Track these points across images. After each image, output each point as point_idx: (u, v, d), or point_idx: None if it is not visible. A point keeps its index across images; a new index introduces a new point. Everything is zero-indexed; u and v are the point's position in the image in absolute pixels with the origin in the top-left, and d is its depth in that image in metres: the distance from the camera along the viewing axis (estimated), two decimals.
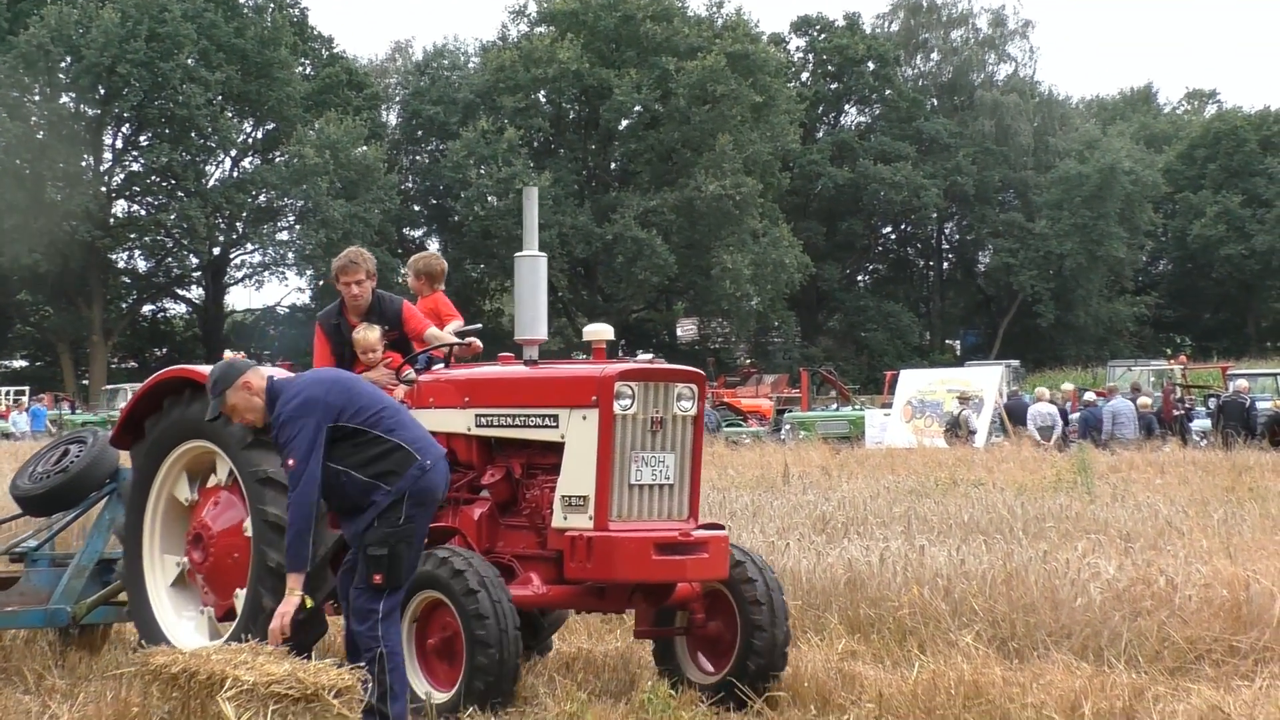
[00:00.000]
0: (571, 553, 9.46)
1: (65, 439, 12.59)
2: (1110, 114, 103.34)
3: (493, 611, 9.01)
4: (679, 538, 9.54)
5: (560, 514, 9.61)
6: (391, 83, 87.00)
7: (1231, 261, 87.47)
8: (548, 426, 9.79)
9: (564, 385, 9.87)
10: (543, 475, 9.92)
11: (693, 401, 9.82)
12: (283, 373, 9.27)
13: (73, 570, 11.64)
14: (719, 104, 76.04)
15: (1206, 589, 11.32)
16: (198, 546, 10.31)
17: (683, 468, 9.77)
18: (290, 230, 78.73)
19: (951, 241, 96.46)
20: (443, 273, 11.78)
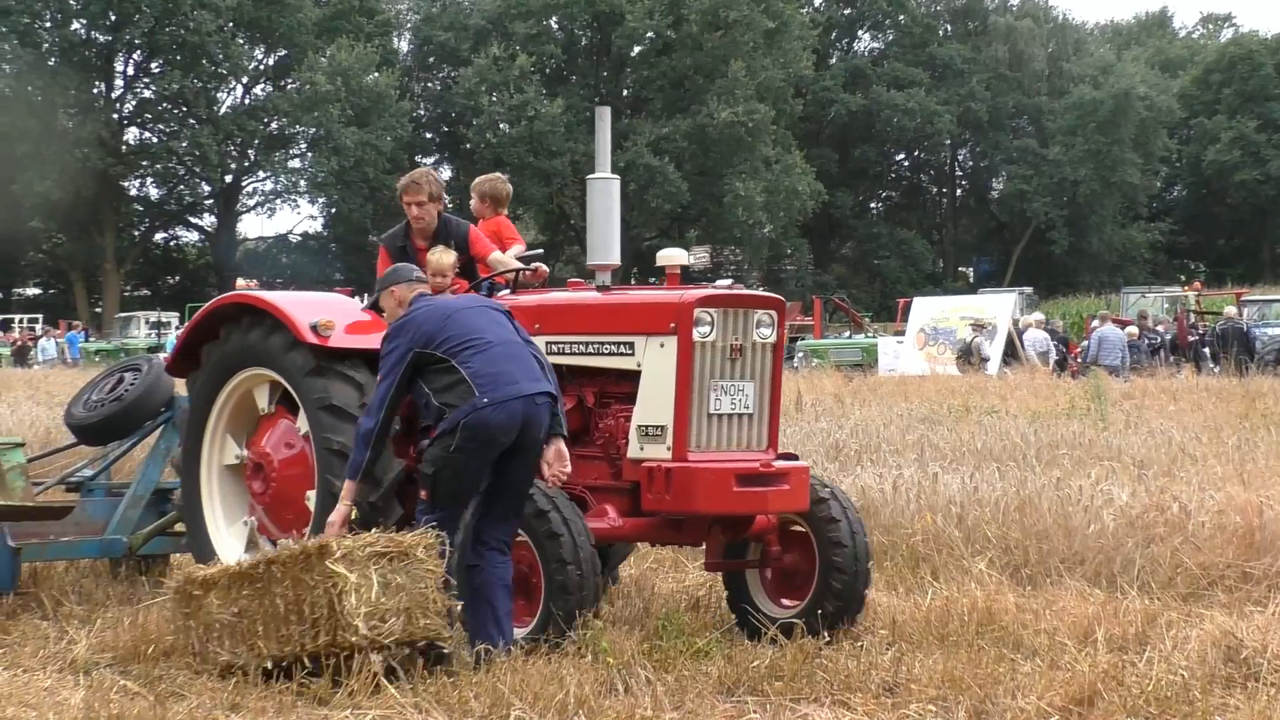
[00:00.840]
0: (649, 484, 9.21)
1: (120, 366, 12.36)
2: (1125, 39, 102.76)
3: (574, 553, 8.77)
4: (760, 469, 9.28)
5: (636, 444, 9.35)
6: (403, 9, 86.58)
7: (1246, 187, 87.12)
8: (623, 354, 9.52)
9: (641, 312, 9.58)
10: (617, 404, 9.65)
11: (772, 329, 9.52)
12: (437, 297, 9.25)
13: (128, 500, 11.45)
14: (731, 30, 75.66)
15: (1220, 515, 11.35)
16: (258, 477, 10.12)
17: (762, 397, 9.49)
18: (302, 158, 78.66)
19: (965, 168, 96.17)
20: (508, 196, 11.54)
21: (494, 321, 8.90)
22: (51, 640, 9.50)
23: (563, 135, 74.18)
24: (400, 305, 9.05)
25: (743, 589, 9.94)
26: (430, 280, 10.17)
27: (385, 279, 9.23)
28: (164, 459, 11.63)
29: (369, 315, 9.92)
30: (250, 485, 10.16)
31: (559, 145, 74.04)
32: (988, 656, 8.77)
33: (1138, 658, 8.54)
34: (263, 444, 10.13)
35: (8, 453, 10.81)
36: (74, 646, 9.21)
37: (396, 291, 9.12)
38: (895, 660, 8.77)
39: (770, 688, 8.32)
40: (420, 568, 8.26)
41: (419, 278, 9.26)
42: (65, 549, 11.25)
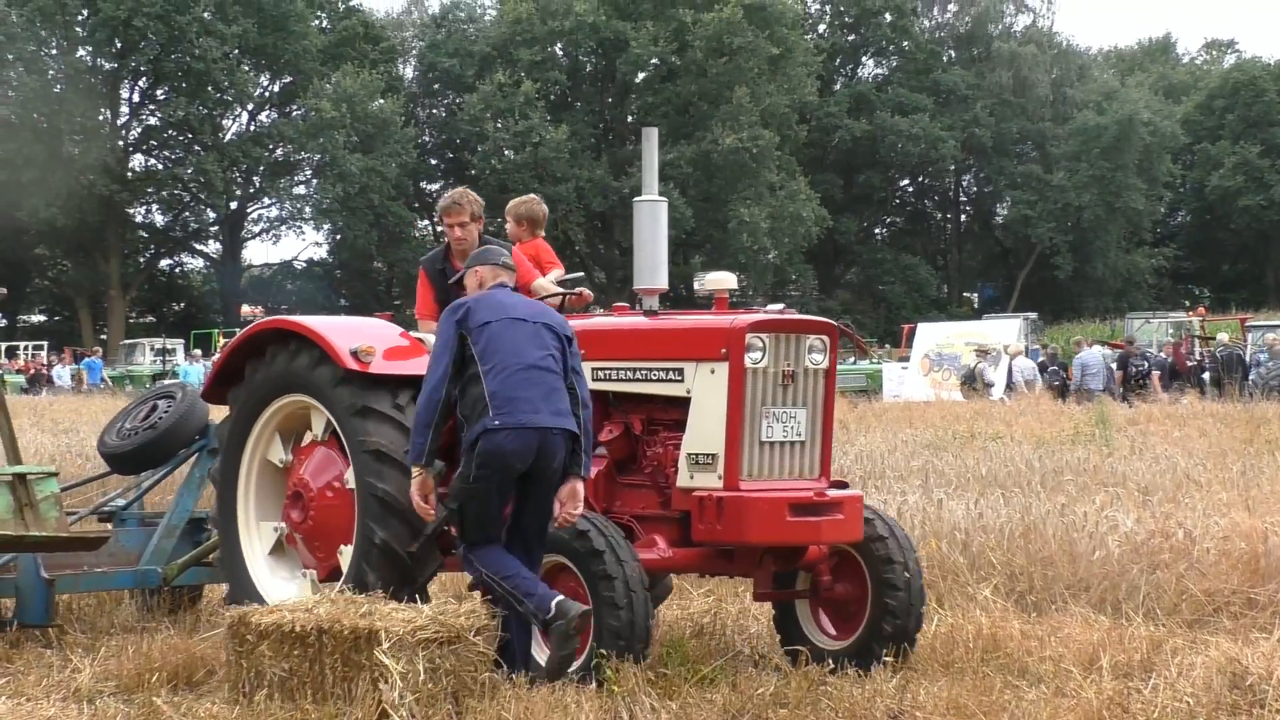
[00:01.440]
0: (700, 514, 8.94)
1: (153, 394, 12.19)
2: (1128, 65, 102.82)
3: (626, 591, 8.52)
4: (814, 498, 9.04)
5: (686, 473, 9.09)
6: (408, 36, 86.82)
7: (1250, 212, 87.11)
8: (672, 381, 9.27)
9: (691, 337, 9.34)
10: (665, 432, 9.38)
11: (824, 354, 9.29)
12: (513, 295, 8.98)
13: (163, 530, 11.28)
14: (736, 56, 75.80)
15: (1225, 541, 11.34)
16: (297, 505, 9.89)
17: (814, 424, 9.25)
18: (307, 184, 78.86)
19: (969, 194, 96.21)
20: (544, 217, 11.33)
21: (536, 343, 8.59)
22: (55, 669, 9.49)
23: (567, 161, 74.28)
24: (480, 287, 8.90)
25: (792, 620, 9.73)
26: None
27: (476, 256, 9.05)
28: (198, 488, 11.51)
29: (409, 340, 9.78)
30: (288, 514, 9.97)
31: (564, 171, 74.16)
32: (993, 684, 8.76)
33: (1143, 685, 8.53)
34: (304, 472, 9.91)
35: (41, 482, 10.55)
36: (78, 675, 9.19)
37: (480, 272, 8.95)
38: (900, 688, 8.75)
39: (775, 715, 8.32)
40: (470, 650, 8.19)
41: (506, 264, 9.02)
42: (100, 580, 11.09)
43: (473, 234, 10.26)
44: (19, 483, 10.38)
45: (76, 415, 30.03)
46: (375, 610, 8.41)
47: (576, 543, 8.64)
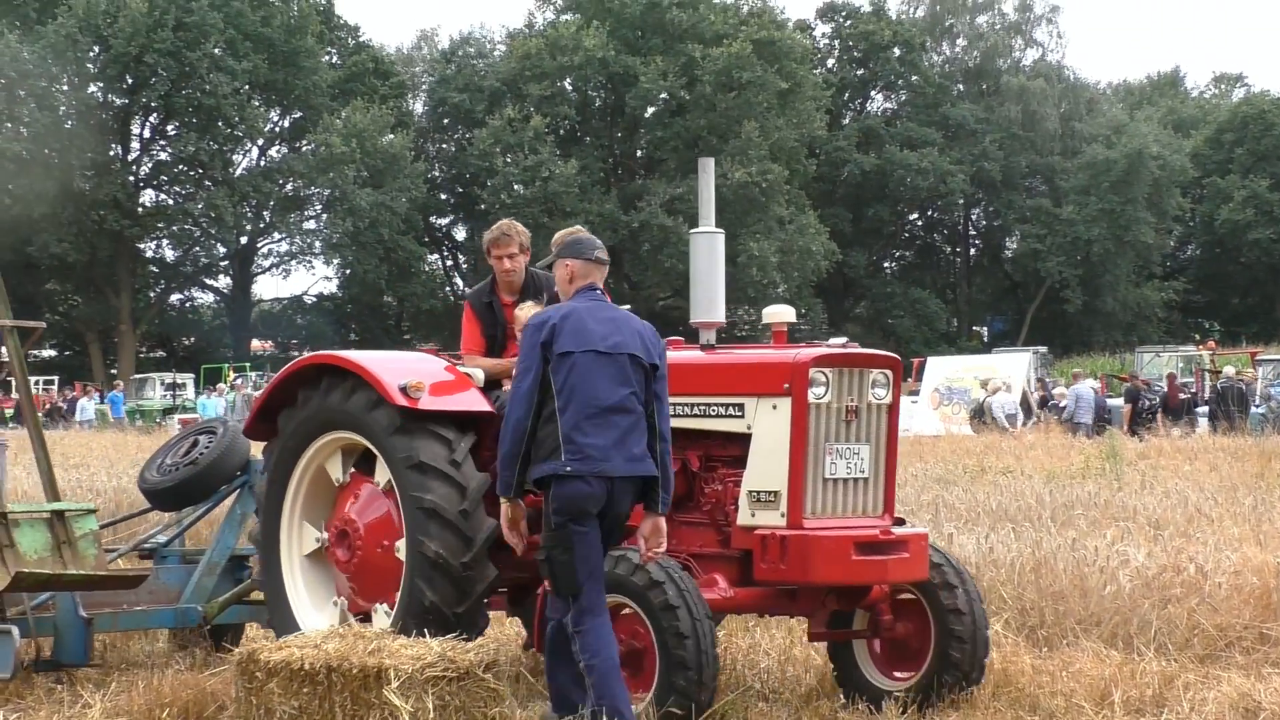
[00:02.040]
0: (762, 552, 8.71)
1: (194, 429, 12.00)
2: (1137, 98, 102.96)
3: (691, 621, 8.26)
4: (879, 536, 8.81)
5: (747, 510, 8.85)
6: (418, 71, 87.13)
7: (1260, 246, 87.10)
8: (732, 416, 9.04)
9: (752, 372, 9.10)
10: (724, 468, 9.15)
11: (888, 389, 9.08)
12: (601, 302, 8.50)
13: (203, 567, 11.11)
14: (745, 91, 75.97)
15: (1236, 576, 11.30)
16: (342, 544, 9.73)
17: (878, 460, 9.03)
18: (317, 219, 79.05)
19: (978, 227, 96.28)
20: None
21: (618, 379, 8.08)
22: (66, 704, 9.44)
23: (577, 196, 74.40)
24: (569, 282, 8.44)
25: (850, 661, 9.49)
26: (519, 336, 9.61)
27: (568, 245, 8.53)
28: (240, 525, 11.34)
29: (456, 374, 9.67)
30: (334, 554, 9.79)
31: (573, 205, 74.25)
32: (1004, 719, 8.73)
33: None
34: (345, 511, 9.77)
35: (79, 519, 10.34)
36: (88, 710, 9.15)
37: (572, 266, 8.44)
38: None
39: None
40: (481, 687, 8.13)
41: (600, 258, 8.50)
42: (139, 619, 10.94)
43: (520, 265, 10.10)
44: (57, 520, 10.23)
45: (86, 450, 30.02)
46: (384, 647, 8.38)
47: (634, 578, 8.40)
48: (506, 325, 10.13)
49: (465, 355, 10.19)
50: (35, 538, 10.08)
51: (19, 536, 9.99)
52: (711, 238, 9.76)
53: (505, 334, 10.11)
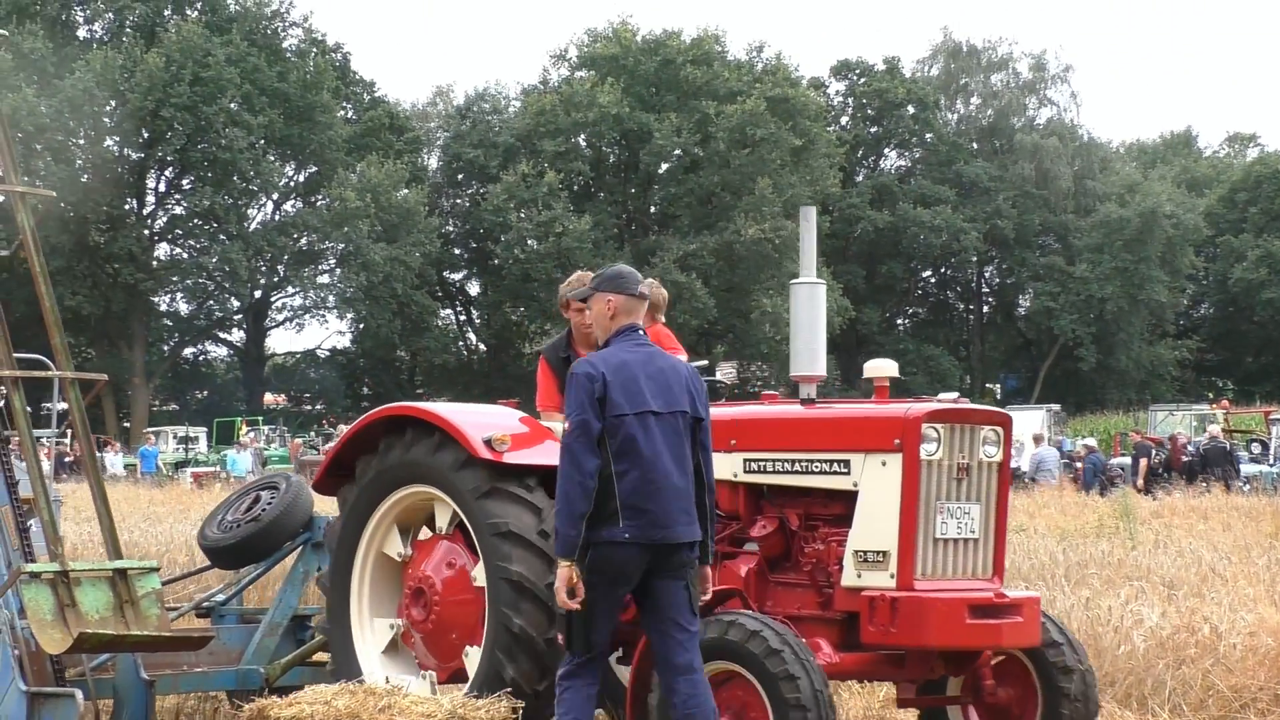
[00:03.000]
0: (870, 615, 8.37)
1: (256, 485, 11.77)
2: (1151, 157, 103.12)
3: (812, 691, 7.89)
4: (994, 599, 8.49)
5: (852, 571, 8.53)
6: (432, 126, 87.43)
7: (1274, 305, 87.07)
8: (837, 473, 8.71)
9: (860, 427, 8.80)
10: (826, 527, 8.84)
11: (998, 446, 8.79)
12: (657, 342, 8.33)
13: (265, 627, 10.81)
14: (758, 148, 76.15)
15: (1251, 637, 11.24)
16: (418, 603, 9.41)
17: (988, 520, 8.72)
18: (331, 273, 79.15)
19: (991, 285, 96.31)
20: (664, 302, 10.63)
21: (673, 442, 7.81)
22: None
23: (590, 251, 74.49)
24: (610, 318, 8.02)
25: None
26: None
27: (608, 278, 8.10)
28: (302, 583, 11.07)
29: (536, 427, 9.43)
30: (408, 611, 9.49)
31: (586, 261, 74.17)
32: None
33: None
34: (426, 568, 9.44)
35: (142, 578, 9.90)
36: None
37: (615, 302, 7.98)
38: None
39: None
40: None
41: (643, 294, 8.11)
42: (200, 681, 10.70)
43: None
44: (119, 578, 9.80)
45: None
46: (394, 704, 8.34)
47: (749, 644, 8.02)
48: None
49: (543, 411, 9.90)
50: (97, 597, 9.62)
51: (80, 596, 9.54)
52: (812, 288, 9.39)
53: None
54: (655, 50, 79.68)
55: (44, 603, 9.38)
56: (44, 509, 9.95)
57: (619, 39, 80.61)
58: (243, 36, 74.46)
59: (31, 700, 9.48)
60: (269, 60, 75.03)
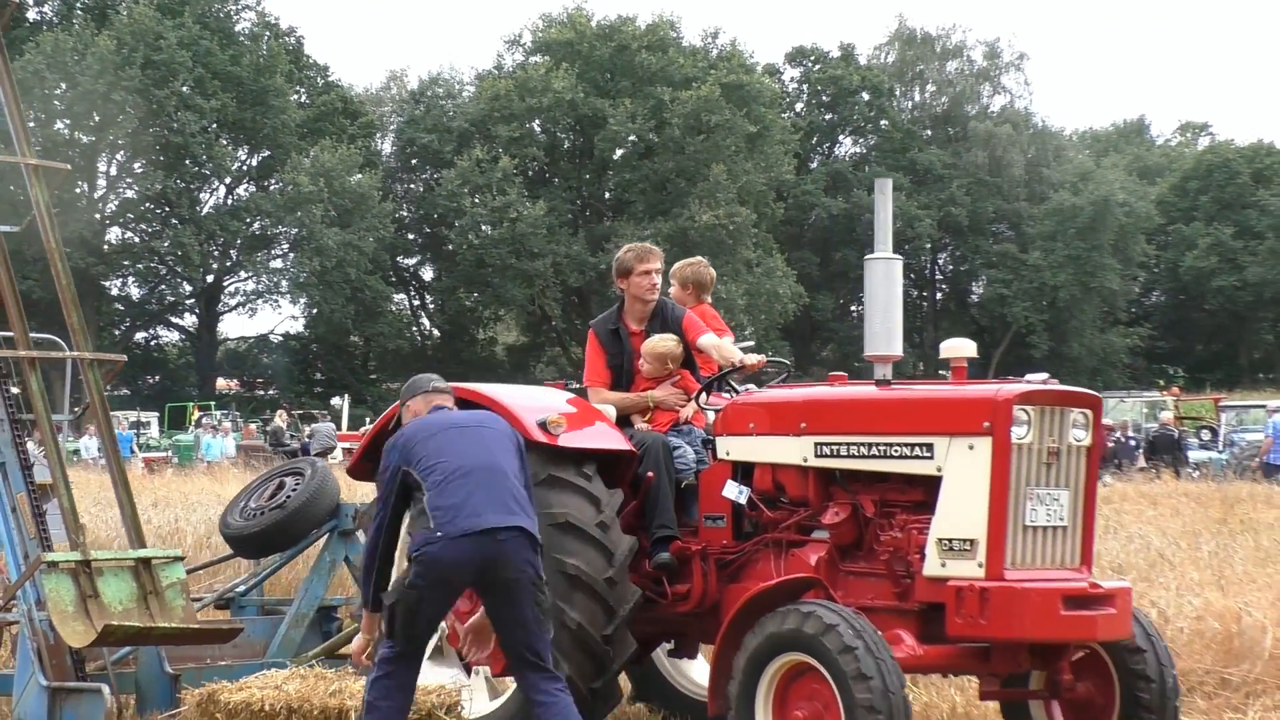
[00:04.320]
0: (957, 606, 7.96)
1: (279, 471, 11.40)
2: (1103, 146, 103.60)
3: (884, 694, 7.57)
4: (1088, 590, 8.13)
5: (936, 560, 8.14)
6: (386, 111, 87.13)
7: (1224, 293, 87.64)
8: (919, 458, 8.32)
9: (945, 409, 8.40)
10: (904, 514, 8.46)
11: (1088, 430, 8.41)
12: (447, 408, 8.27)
13: (290, 619, 10.53)
14: (713, 134, 76.17)
15: (1198, 622, 11.31)
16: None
17: (1076, 507, 8.34)
18: (284, 258, 78.81)
19: (945, 272, 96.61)
20: (711, 282, 10.54)
21: (478, 444, 7.92)
22: None
23: (544, 237, 74.43)
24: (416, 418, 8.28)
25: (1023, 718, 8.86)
26: (648, 368, 9.39)
27: (406, 390, 8.38)
28: (329, 573, 10.77)
29: (589, 410, 9.27)
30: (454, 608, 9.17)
31: (541, 247, 74.30)
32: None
33: None
34: None
35: (167, 567, 9.64)
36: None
37: (413, 406, 8.25)
38: None
39: None
40: None
41: (438, 387, 8.31)
42: (224, 674, 9.99)
43: (657, 288, 9.70)
44: (143, 568, 9.55)
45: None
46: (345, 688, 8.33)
47: (824, 638, 7.70)
48: (633, 355, 9.64)
49: (589, 388, 9.71)
50: (120, 587, 9.38)
51: (103, 586, 9.30)
52: (888, 264, 9.15)
53: (632, 364, 9.61)
54: (610, 36, 79.59)
55: (65, 594, 9.09)
56: (64, 495, 9.70)
57: (574, 24, 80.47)
58: (195, 20, 74.03)
59: (53, 696, 9.14)
60: (222, 44, 74.62)
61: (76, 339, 10.31)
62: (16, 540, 9.56)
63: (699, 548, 9.06)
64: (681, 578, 9.02)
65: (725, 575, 9.01)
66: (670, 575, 8.98)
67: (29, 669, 9.25)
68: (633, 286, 9.71)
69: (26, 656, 9.29)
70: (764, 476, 8.86)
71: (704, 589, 9.01)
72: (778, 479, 8.85)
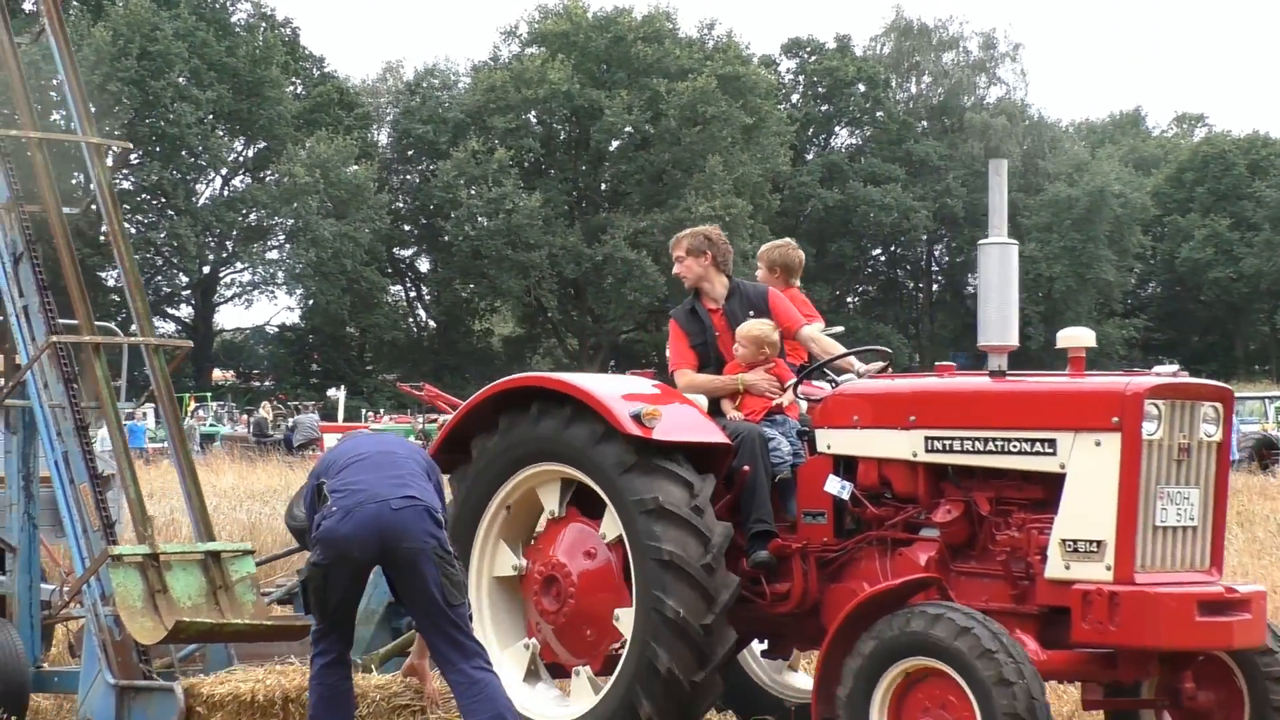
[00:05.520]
0: (1084, 610, 7.56)
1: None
2: (1099, 137, 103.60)
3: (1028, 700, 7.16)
4: (1225, 595, 7.67)
5: (1059, 561, 7.72)
6: (382, 102, 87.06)
7: (1220, 285, 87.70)
8: (1040, 454, 7.90)
9: (1070, 403, 7.99)
10: (1021, 512, 8.01)
11: (1218, 425, 7.98)
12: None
13: (360, 615, 9.62)
14: (709, 125, 76.17)
15: None
16: (550, 591, 8.80)
17: (1207, 506, 7.91)
18: (280, 249, 78.78)
19: (941, 263, 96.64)
20: (800, 264, 10.08)
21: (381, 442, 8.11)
22: None
23: (540, 228, 74.41)
24: None
25: None
26: (744, 353, 9.04)
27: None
28: None
29: (682, 400, 8.85)
30: (538, 602, 8.86)
31: (537, 238, 74.28)
32: None
33: None
34: (553, 553, 8.82)
35: (236, 561, 9.36)
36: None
37: None
38: None
39: None
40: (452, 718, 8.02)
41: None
42: None
43: (690, 270, 9.51)
44: (212, 562, 9.28)
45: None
46: None
47: (959, 641, 7.27)
48: (715, 331, 9.25)
49: (676, 372, 9.25)
50: (189, 582, 9.10)
51: (171, 581, 9.01)
52: (1004, 249, 8.37)
53: (715, 340, 9.20)
54: (606, 27, 79.54)
55: (133, 588, 8.82)
56: (130, 485, 9.45)
57: (570, 15, 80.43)
58: (191, 11, 73.94)
59: (121, 694, 8.83)
60: (218, 35, 74.51)
61: (141, 324, 10.05)
62: (80, 533, 9.30)
63: (799, 546, 8.61)
64: (780, 576, 8.60)
65: (825, 574, 8.57)
66: (769, 574, 8.58)
67: (95, 666, 8.99)
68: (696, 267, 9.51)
69: (93, 653, 9.02)
70: (868, 471, 8.45)
71: (804, 589, 8.57)
72: (883, 474, 8.44)
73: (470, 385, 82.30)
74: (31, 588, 9.98)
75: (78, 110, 10.03)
